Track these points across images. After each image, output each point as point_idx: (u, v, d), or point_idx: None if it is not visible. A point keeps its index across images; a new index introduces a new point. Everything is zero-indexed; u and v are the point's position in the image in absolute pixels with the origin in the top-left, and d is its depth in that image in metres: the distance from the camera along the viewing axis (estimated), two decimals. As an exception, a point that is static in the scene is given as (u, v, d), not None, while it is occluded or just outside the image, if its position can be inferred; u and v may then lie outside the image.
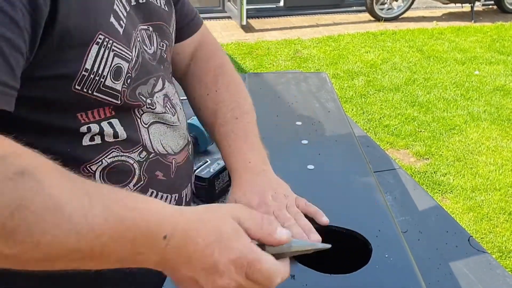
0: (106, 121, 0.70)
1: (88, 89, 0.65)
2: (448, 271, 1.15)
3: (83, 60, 0.63)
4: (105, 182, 0.71)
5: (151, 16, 0.80)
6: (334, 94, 1.48)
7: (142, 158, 0.76)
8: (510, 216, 2.82)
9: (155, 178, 0.78)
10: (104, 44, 0.65)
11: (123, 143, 0.73)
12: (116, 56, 0.67)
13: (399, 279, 0.77)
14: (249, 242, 0.56)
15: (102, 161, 0.71)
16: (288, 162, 1.10)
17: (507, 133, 3.78)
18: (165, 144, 0.80)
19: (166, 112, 0.81)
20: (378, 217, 0.91)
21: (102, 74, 0.65)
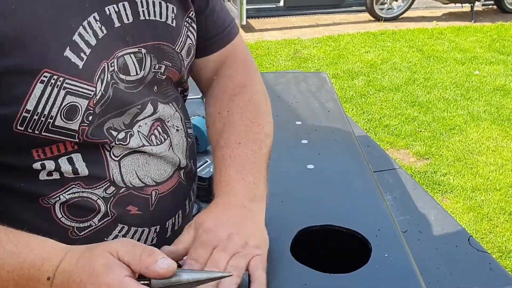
0: (65, 157, 0.65)
1: (33, 130, 0.60)
2: (448, 271, 1.15)
3: (24, 100, 0.58)
4: (66, 215, 0.67)
5: (148, 36, 0.71)
6: (334, 94, 1.48)
7: (109, 194, 0.70)
8: (510, 216, 2.82)
9: (127, 213, 0.72)
10: (51, 82, 0.59)
11: (85, 179, 0.67)
12: (70, 94, 0.61)
13: (398, 279, 0.77)
14: (123, 276, 0.53)
15: (59, 197, 0.66)
16: (288, 161, 1.10)
17: (507, 133, 3.78)
18: (144, 176, 0.73)
19: (147, 144, 0.73)
20: (377, 217, 0.91)
21: (49, 114, 0.60)
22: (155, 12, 0.72)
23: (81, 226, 0.68)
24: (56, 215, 0.67)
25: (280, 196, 0.99)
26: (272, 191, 1.01)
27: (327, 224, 0.87)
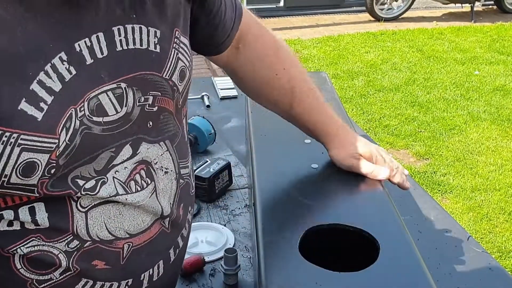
0: (26, 206, 0.60)
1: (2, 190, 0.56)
2: (448, 271, 1.15)
3: None
4: (25, 267, 0.63)
5: (127, 67, 0.64)
6: (334, 93, 1.48)
7: (72, 248, 0.64)
8: (510, 216, 2.82)
9: (92, 267, 0.66)
10: (3, 139, 0.52)
11: (46, 232, 0.62)
12: (26, 151, 0.54)
13: (408, 277, 0.77)
14: None
15: (18, 250, 0.61)
16: (292, 161, 1.10)
17: (507, 133, 3.78)
18: (115, 228, 0.67)
19: (123, 192, 0.66)
20: (384, 215, 0.91)
21: (2, 173, 0.54)
22: (135, 39, 0.64)
23: (41, 279, 0.64)
24: (15, 265, 0.62)
25: (286, 196, 0.99)
26: (278, 191, 1.01)
27: (334, 223, 0.87)
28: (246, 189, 1.45)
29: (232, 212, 1.35)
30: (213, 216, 1.33)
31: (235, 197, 1.41)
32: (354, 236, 0.86)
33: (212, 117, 1.79)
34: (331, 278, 0.76)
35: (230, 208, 1.36)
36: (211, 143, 1.64)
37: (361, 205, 0.95)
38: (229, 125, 1.84)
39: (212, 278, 1.12)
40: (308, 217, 0.90)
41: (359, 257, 0.82)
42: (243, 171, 1.54)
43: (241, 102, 2.00)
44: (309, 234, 0.86)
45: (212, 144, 1.65)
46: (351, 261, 0.81)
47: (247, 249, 1.20)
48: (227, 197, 1.41)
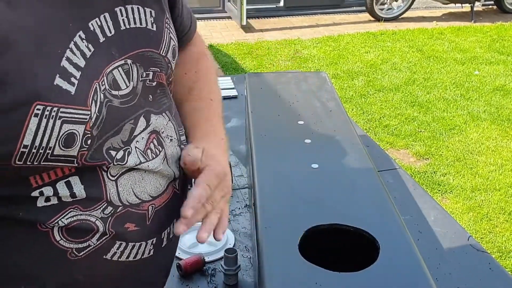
0: (63, 181, 0.65)
1: (32, 162, 0.60)
2: (448, 271, 1.15)
3: (19, 138, 0.57)
4: (64, 238, 0.67)
5: (131, 45, 0.70)
6: (334, 93, 1.48)
7: (107, 214, 0.69)
8: (510, 216, 2.82)
9: (125, 230, 0.72)
10: (45, 114, 0.57)
11: (83, 202, 0.67)
12: (66, 123, 0.59)
13: (408, 276, 0.77)
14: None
15: (58, 222, 0.66)
16: (292, 161, 1.10)
17: (507, 133, 3.78)
18: (140, 192, 0.73)
19: (144, 160, 0.73)
20: (384, 215, 0.91)
21: (47, 146, 0.59)
22: (135, 19, 0.71)
23: (80, 247, 0.69)
24: (54, 238, 0.66)
25: (286, 196, 0.99)
26: (278, 191, 1.01)
27: (334, 223, 0.88)
28: (246, 189, 1.45)
29: (232, 212, 1.35)
30: (213, 216, 1.33)
31: (235, 197, 1.41)
32: (354, 236, 0.86)
33: (212, 117, 1.79)
34: (331, 278, 0.76)
35: (230, 208, 1.36)
36: (211, 143, 1.64)
37: (361, 205, 0.95)
38: (229, 125, 1.84)
39: (212, 278, 1.12)
40: (308, 217, 0.90)
41: (359, 257, 0.82)
42: (243, 171, 1.54)
43: (241, 102, 2.00)
44: (309, 234, 0.86)
45: (212, 144, 1.65)
46: (351, 261, 0.81)
47: (247, 249, 1.20)
48: (227, 197, 1.41)
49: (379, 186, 1.01)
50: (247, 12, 6.19)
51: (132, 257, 0.74)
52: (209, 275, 1.12)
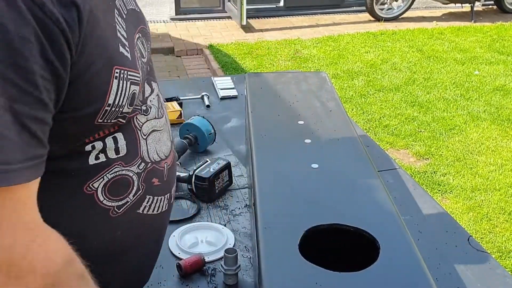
0: (110, 136, 0.73)
1: (109, 120, 0.70)
2: (448, 271, 1.15)
3: (106, 97, 0.67)
4: (107, 197, 0.75)
5: (137, 21, 0.80)
6: (334, 93, 1.48)
7: (141, 170, 0.79)
8: (510, 216, 2.82)
9: (152, 185, 0.82)
10: (121, 76, 0.68)
11: (125, 158, 0.76)
12: (132, 84, 0.71)
13: (408, 276, 0.77)
14: None
15: (104, 177, 0.74)
16: (292, 161, 1.10)
17: (507, 133, 3.78)
18: (159, 151, 0.84)
19: (158, 116, 0.84)
20: (384, 215, 0.91)
21: (121, 104, 0.70)
22: (129, 1, 0.81)
23: (120, 204, 0.77)
24: (98, 199, 0.75)
25: (286, 196, 0.99)
26: (278, 191, 1.01)
27: (334, 223, 0.88)
28: (246, 189, 1.45)
29: (232, 212, 1.35)
30: (213, 216, 1.33)
31: (235, 197, 1.41)
32: (354, 236, 0.86)
33: (212, 117, 1.79)
34: (331, 278, 0.76)
35: (230, 208, 1.36)
36: (211, 143, 1.64)
37: (361, 205, 0.95)
38: (229, 125, 1.84)
39: (212, 278, 1.12)
40: (308, 217, 0.90)
41: (359, 257, 0.82)
42: (243, 171, 1.54)
43: (241, 102, 2.00)
44: (309, 234, 0.86)
45: (212, 144, 1.65)
46: (351, 261, 0.81)
47: (247, 249, 1.20)
48: (227, 197, 1.41)
49: (379, 186, 1.01)
50: (247, 12, 6.19)
51: (156, 210, 0.84)
52: (209, 275, 1.12)
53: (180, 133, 1.64)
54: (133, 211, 0.79)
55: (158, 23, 6.67)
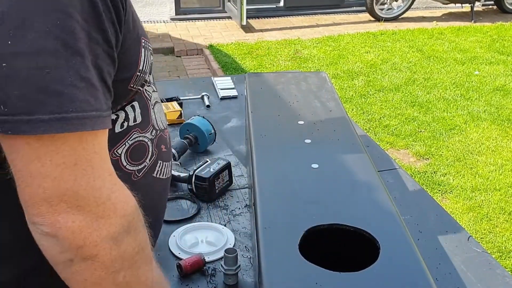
0: (129, 105, 0.80)
1: (138, 85, 0.77)
2: (448, 271, 1.15)
3: (138, 64, 0.74)
4: (129, 162, 0.82)
5: None
6: (334, 93, 1.48)
7: (153, 136, 0.87)
8: (510, 216, 2.82)
9: (161, 151, 0.90)
10: (146, 46, 0.76)
11: (140, 125, 0.83)
12: (151, 54, 0.79)
13: (408, 276, 0.77)
14: None
15: (126, 143, 0.81)
16: (292, 161, 1.10)
17: (507, 133, 3.78)
18: (163, 121, 0.92)
19: (156, 90, 0.91)
20: (384, 215, 0.91)
21: (145, 71, 0.77)
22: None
23: (140, 168, 0.84)
24: (122, 164, 0.81)
25: (286, 196, 0.99)
26: (278, 191, 1.01)
27: (334, 223, 0.88)
28: (246, 189, 1.45)
29: (232, 212, 1.35)
30: (213, 216, 1.33)
31: (235, 197, 1.41)
32: (354, 236, 0.86)
33: (212, 117, 1.79)
34: (331, 278, 0.76)
35: (230, 208, 1.36)
36: (211, 143, 1.64)
37: (361, 205, 0.95)
38: (229, 125, 1.84)
39: (212, 278, 1.12)
40: (308, 217, 0.90)
41: (359, 257, 0.82)
42: (243, 171, 1.54)
43: (241, 102, 2.00)
44: (309, 234, 0.86)
45: (212, 144, 1.65)
46: (351, 261, 0.81)
47: (247, 249, 1.20)
48: (227, 197, 1.41)
49: (379, 186, 1.01)
50: (247, 12, 6.19)
51: (165, 174, 0.91)
52: (209, 275, 1.12)
53: (180, 133, 1.64)
54: (149, 175, 0.87)
55: (158, 23, 6.66)
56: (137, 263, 0.68)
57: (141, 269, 0.70)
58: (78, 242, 0.61)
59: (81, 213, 0.61)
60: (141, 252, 0.69)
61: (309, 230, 0.86)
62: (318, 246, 0.85)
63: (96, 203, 0.62)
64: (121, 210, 0.65)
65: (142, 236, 0.69)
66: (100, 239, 0.62)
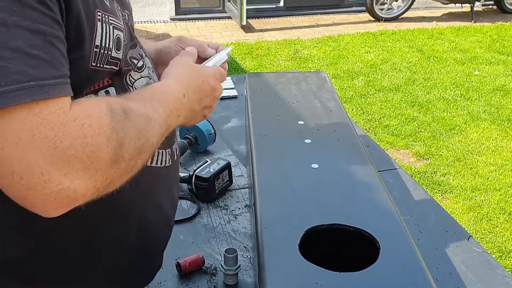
0: (103, 90, 0.76)
1: (100, 64, 0.72)
2: (448, 270, 1.15)
3: (93, 38, 0.69)
4: None
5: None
6: (334, 93, 1.48)
7: None
8: (510, 216, 2.82)
9: None
10: (103, 20, 0.71)
11: None
12: (115, 28, 0.74)
13: (408, 276, 0.77)
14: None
15: None
16: (292, 161, 1.10)
17: (507, 133, 3.78)
18: None
19: (150, 76, 0.87)
20: (384, 215, 0.91)
21: (108, 47, 0.72)
22: None
23: None
24: None
25: (286, 196, 0.99)
26: (278, 191, 1.01)
27: (334, 223, 0.88)
28: (246, 189, 1.45)
29: (232, 212, 1.35)
30: (213, 216, 1.33)
31: (235, 197, 1.41)
32: (354, 236, 0.86)
33: (212, 117, 1.79)
34: (331, 278, 0.76)
35: (230, 208, 1.36)
36: (211, 143, 1.64)
37: (361, 205, 0.95)
38: (229, 125, 1.84)
39: (212, 278, 1.12)
40: (308, 217, 0.90)
41: (359, 257, 0.82)
42: (243, 171, 1.54)
43: (241, 102, 2.00)
44: (309, 234, 0.86)
45: (212, 144, 1.65)
46: (351, 261, 0.81)
47: (247, 249, 1.20)
48: (227, 197, 1.41)
49: (379, 186, 1.01)
50: (247, 12, 6.19)
51: (160, 163, 0.87)
52: (209, 274, 1.12)
53: (180, 133, 1.64)
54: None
55: (158, 23, 6.67)
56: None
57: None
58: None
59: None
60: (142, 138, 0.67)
61: (309, 230, 0.86)
62: (318, 246, 0.85)
63: (81, 153, 0.59)
64: (99, 138, 0.61)
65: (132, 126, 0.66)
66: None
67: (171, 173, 0.94)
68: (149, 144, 0.69)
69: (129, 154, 0.65)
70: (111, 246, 0.81)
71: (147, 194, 0.85)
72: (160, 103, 0.74)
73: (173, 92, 0.78)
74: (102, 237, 0.80)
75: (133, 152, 0.66)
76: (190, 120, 0.85)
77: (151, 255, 0.94)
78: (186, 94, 0.80)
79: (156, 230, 0.92)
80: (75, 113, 0.60)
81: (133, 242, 0.85)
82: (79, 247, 0.78)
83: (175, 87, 0.79)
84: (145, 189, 0.84)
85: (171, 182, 0.96)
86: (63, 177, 0.58)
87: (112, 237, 0.81)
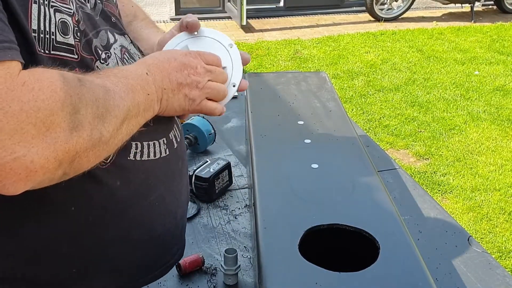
0: None
1: (46, 49, 0.67)
2: (448, 270, 1.15)
3: (28, 21, 0.64)
4: None
5: None
6: (334, 93, 1.48)
7: None
8: (509, 216, 2.82)
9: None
10: (41, 2, 0.66)
11: None
12: (57, 12, 0.68)
13: (408, 276, 0.77)
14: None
15: None
16: (292, 161, 1.10)
17: (507, 133, 3.78)
18: None
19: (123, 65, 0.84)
20: (384, 215, 0.91)
21: (50, 31, 0.67)
22: None
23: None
24: None
25: (286, 196, 0.99)
26: (278, 191, 1.01)
27: (334, 223, 0.87)
28: (246, 189, 1.45)
29: (232, 212, 1.35)
30: (213, 216, 1.33)
31: (235, 197, 1.41)
32: (354, 236, 0.86)
33: (212, 117, 1.79)
34: (331, 278, 0.76)
35: (230, 208, 1.36)
36: (211, 143, 1.64)
37: (361, 205, 0.95)
38: (229, 125, 1.84)
39: (212, 278, 1.12)
40: (308, 217, 0.90)
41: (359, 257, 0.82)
42: (243, 171, 1.54)
43: (241, 102, 2.00)
44: (309, 234, 0.86)
45: (212, 144, 1.65)
46: (351, 261, 0.81)
47: (247, 249, 1.20)
48: (227, 197, 1.41)
49: (379, 186, 1.01)
50: (247, 12, 6.19)
51: (152, 155, 0.82)
52: (209, 274, 1.12)
53: (180, 133, 1.64)
54: (123, 158, 0.77)
55: (158, 23, 6.67)
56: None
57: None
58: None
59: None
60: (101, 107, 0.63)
61: (308, 230, 0.86)
62: (318, 246, 0.85)
63: (35, 120, 0.56)
64: (53, 103, 0.58)
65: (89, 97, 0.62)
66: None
67: (171, 162, 0.88)
68: (112, 115, 0.65)
69: (89, 122, 0.61)
70: (113, 244, 0.81)
71: (142, 189, 0.82)
72: (119, 78, 0.70)
73: (133, 70, 0.74)
74: (102, 237, 0.79)
75: (93, 120, 0.62)
76: (169, 101, 0.79)
77: (159, 248, 0.90)
78: (149, 71, 0.75)
79: (161, 224, 0.88)
80: (24, 77, 0.56)
81: (135, 239, 0.83)
82: (80, 247, 0.77)
83: (135, 68, 0.76)
84: (139, 184, 0.81)
85: (174, 171, 0.90)
86: (17, 145, 0.54)
87: (113, 236, 0.81)
